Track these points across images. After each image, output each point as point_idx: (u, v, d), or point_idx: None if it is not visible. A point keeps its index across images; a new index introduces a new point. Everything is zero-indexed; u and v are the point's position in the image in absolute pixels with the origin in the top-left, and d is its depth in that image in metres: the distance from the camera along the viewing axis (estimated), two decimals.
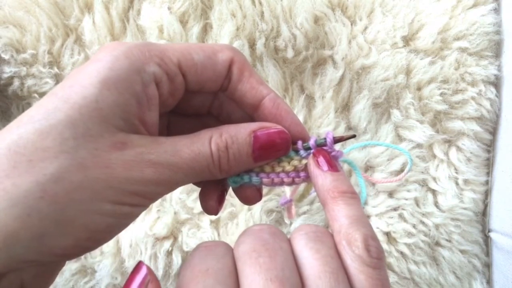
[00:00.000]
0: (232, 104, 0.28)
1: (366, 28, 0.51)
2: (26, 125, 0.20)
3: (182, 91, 0.25)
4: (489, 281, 0.52)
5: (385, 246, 0.50)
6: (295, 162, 0.26)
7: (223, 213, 0.50)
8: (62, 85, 0.22)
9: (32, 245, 0.19)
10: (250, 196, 0.28)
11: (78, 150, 0.20)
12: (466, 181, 0.51)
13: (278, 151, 0.25)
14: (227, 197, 0.50)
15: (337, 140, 0.26)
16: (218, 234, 0.49)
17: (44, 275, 0.23)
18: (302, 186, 0.31)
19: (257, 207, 0.49)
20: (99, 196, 0.20)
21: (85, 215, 0.20)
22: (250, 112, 0.27)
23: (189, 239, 0.48)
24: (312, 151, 0.26)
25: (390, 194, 0.51)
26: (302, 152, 0.26)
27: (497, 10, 0.50)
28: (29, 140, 0.19)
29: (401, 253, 0.50)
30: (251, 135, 0.24)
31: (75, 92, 0.21)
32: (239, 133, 0.24)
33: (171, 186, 0.23)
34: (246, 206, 0.50)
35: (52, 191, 0.19)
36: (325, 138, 0.26)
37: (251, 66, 0.26)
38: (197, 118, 0.29)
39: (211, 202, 0.27)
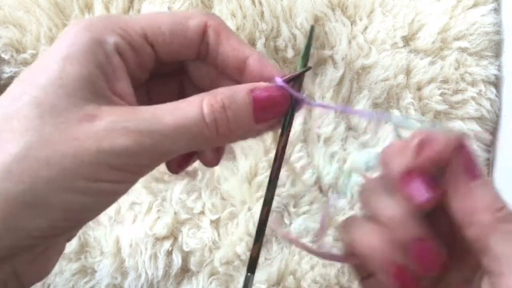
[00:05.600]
0: (213, 73, 0.26)
1: (366, 28, 0.51)
2: None
3: (153, 62, 0.24)
4: None
5: None
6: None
7: (223, 213, 0.50)
8: (28, 70, 0.21)
9: (3, 229, 0.18)
10: (209, 160, 0.26)
11: (44, 127, 0.19)
12: None
13: (280, 109, 0.24)
14: (227, 197, 0.50)
15: (291, 78, 0.24)
16: (218, 234, 0.49)
17: (39, 260, 0.22)
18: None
19: (258, 207, 0.49)
20: (69, 173, 0.19)
21: (56, 194, 0.19)
22: (236, 76, 0.25)
23: (189, 239, 0.48)
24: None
25: None
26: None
27: (497, 10, 0.50)
28: None
29: None
30: (249, 94, 0.22)
31: (39, 74, 0.20)
32: (236, 94, 0.22)
33: (156, 157, 0.21)
34: (246, 206, 0.50)
35: (17, 170, 0.18)
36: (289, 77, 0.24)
37: (229, 28, 0.24)
38: (173, 80, 0.27)
39: (174, 160, 0.26)
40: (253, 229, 0.48)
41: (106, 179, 0.20)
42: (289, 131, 0.25)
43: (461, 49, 0.50)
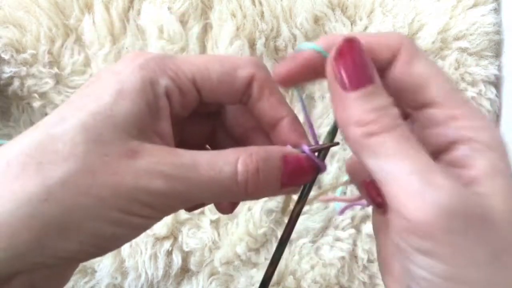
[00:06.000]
0: (248, 124, 0.27)
1: (366, 28, 0.51)
2: (40, 129, 0.20)
3: (196, 104, 0.25)
4: None
5: None
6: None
7: None
8: (79, 94, 0.22)
9: (34, 246, 0.19)
10: (224, 208, 0.27)
11: (88, 155, 0.20)
12: None
13: (305, 177, 0.25)
14: None
15: (318, 150, 0.25)
16: (218, 234, 0.49)
17: (55, 277, 0.23)
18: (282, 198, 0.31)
19: (258, 207, 0.49)
20: (106, 203, 0.20)
21: (91, 221, 0.20)
22: (267, 129, 0.26)
23: (189, 239, 0.48)
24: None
25: None
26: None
27: (497, 10, 0.50)
28: (40, 143, 0.20)
29: None
30: (282, 161, 0.23)
31: (90, 101, 0.21)
32: (271, 157, 0.23)
33: (185, 201, 0.22)
34: (246, 206, 0.50)
35: (57, 194, 0.19)
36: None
37: (273, 82, 0.25)
38: (207, 121, 0.28)
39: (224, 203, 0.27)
40: (253, 229, 0.48)
41: (137, 213, 0.21)
42: (307, 198, 0.26)
43: (461, 49, 0.50)
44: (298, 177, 0.24)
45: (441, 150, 0.21)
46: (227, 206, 0.27)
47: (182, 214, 0.49)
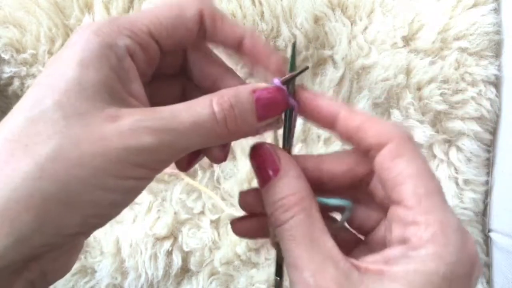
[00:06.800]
0: (202, 59, 0.28)
1: (366, 28, 0.51)
2: (17, 115, 0.21)
3: (158, 57, 0.25)
4: (489, 281, 0.52)
5: None
6: None
7: (223, 213, 0.50)
8: (44, 74, 0.22)
9: (36, 226, 0.19)
10: (217, 156, 0.28)
11: (70, 129, 0.20)
12: (466, 181, 0.51)
13: (278, 107, 0.25)
14: (227, 197, 0.50)
15: (287, 79, 0.26)
16: (218, 234, 0.49)
17: (63, 259, 0.23)
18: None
19: None
20: (100, 171, 0.20)
21: (88, 192, 0.20)
22: (235, 52, 0.27)
23: (189, 239, 0.48)
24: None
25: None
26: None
27: (497, 10, 0.50)
28: (21, 128, 0.20)
29: None
30: (252, 94, 0.24)
31: (57, 79, 0.21)
32: (241, 93, 0.24)
33: (174, 153, 0.23)
34: None
35: (50, 169, 0.19)
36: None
37: (220, 11, 0.26)
38: (175, 83, 0.29)
39: (182, 158, 0.27)
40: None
41: (131, 176, 0.21)
42: (291, 144, 0.28)
43: (461, 49, 0.50)
44: (270, 107, 0.25)
45: (391, 241, 0.22)
46: (219, 154, 0.27)
47: (182, 214, 0.49)
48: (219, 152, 0.27)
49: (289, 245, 0.22)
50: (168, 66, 0.28)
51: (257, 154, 0.25)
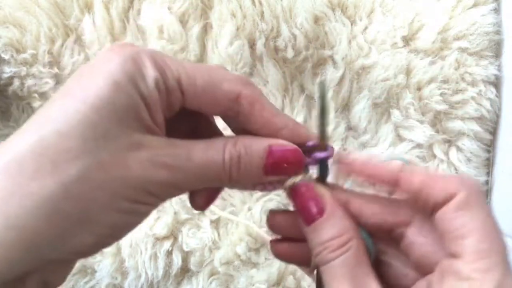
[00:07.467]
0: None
1: (366, 28, 0.51)
2: (47, 126, 0.21)
3: (178, 107, 0.25)
4: None
5: None
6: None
7: (224, 213, 0.50)
8: (76, 84, 0.22)
9: (56, 244, 0.20)
10: (199, 205, 0.28)
11: (99, 151, 0.21)
12: None
13: (290, 169, 0.25)
14: (227, 197, 0.50)
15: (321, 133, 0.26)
16: (218, 234, 0.49)
17: (62, 270, 0.24)
18: None
19: (258, 207, 0.49)
20: (118, 195, 0.21)
21: (106, 214, 0.21)
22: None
23: (189, 239, 0.48)
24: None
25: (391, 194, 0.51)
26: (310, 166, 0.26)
27: (497, 10, 0.50)
28: (51, 142, 0.20)
29: None
30: (266, 149, 0.24)
31: (92, 94, 0.21)
32: (254, 145, 0.24)
33: (182, 188, 0.24)
34: (246, 206, 0.50)
35: (75, 190, 0.20)
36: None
37: (263, 97, 0.25)
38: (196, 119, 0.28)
39: (200, 199, 0.27)
40: (253, 229, 0.48)
41: (144, 202, 0.22)
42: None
43: (461, 49, 0.50)
44: (281, 168, 0.25)
45: None
46: (203, 202, 0.27)
47: (182, 214, 0.49)
48: (203, 201, 0.27)
49: (332, 282, 0.23)
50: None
51: (299, 194, 0.25)
